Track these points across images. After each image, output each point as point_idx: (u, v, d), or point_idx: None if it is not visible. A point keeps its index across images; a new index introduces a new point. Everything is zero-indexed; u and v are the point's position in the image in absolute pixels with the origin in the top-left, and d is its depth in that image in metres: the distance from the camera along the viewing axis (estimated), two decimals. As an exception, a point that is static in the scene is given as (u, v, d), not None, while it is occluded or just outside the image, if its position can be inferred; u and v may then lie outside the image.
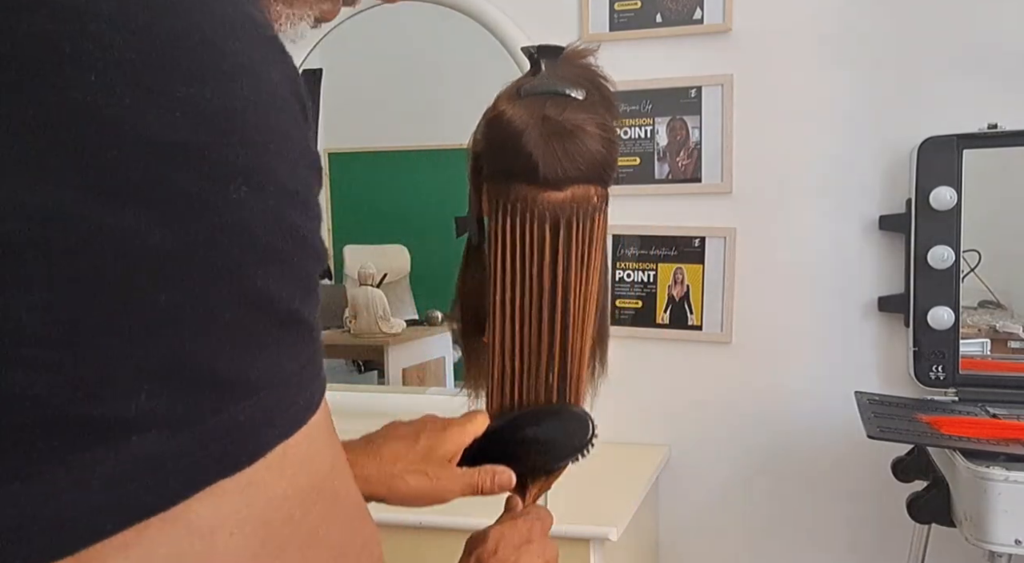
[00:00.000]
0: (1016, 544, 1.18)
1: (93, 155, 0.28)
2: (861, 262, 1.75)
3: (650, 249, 1.86)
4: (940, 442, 1.32)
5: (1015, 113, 1.62)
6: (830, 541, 1.81)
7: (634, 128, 1.84)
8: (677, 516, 1.89)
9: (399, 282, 2.52)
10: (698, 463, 1.87)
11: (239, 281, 0.31)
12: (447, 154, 2.30)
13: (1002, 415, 1.48)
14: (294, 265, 0.33)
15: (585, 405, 0.88)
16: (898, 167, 1.71)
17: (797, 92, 1.76)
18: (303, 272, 0.33)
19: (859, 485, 1.77)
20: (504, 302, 0.84)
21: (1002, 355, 1.69)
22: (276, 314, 0.32)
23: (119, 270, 0.28)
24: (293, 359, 0.33)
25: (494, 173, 0.82)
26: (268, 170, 0.32)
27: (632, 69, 1.81)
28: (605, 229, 0.86)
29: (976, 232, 1.64)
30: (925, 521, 1.38)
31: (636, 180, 1.85)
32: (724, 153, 1.79)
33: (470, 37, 1.93)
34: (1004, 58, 1.65)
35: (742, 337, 1.82)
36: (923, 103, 1.69)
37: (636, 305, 1.87)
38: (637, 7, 1.82)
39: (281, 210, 0.32)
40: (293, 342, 0.33)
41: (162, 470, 0.29)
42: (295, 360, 0.33)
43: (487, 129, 0.82)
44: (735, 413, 1.83)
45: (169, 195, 0.29)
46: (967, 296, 1.66)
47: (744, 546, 1.86)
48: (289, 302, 0.32)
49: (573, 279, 0.83)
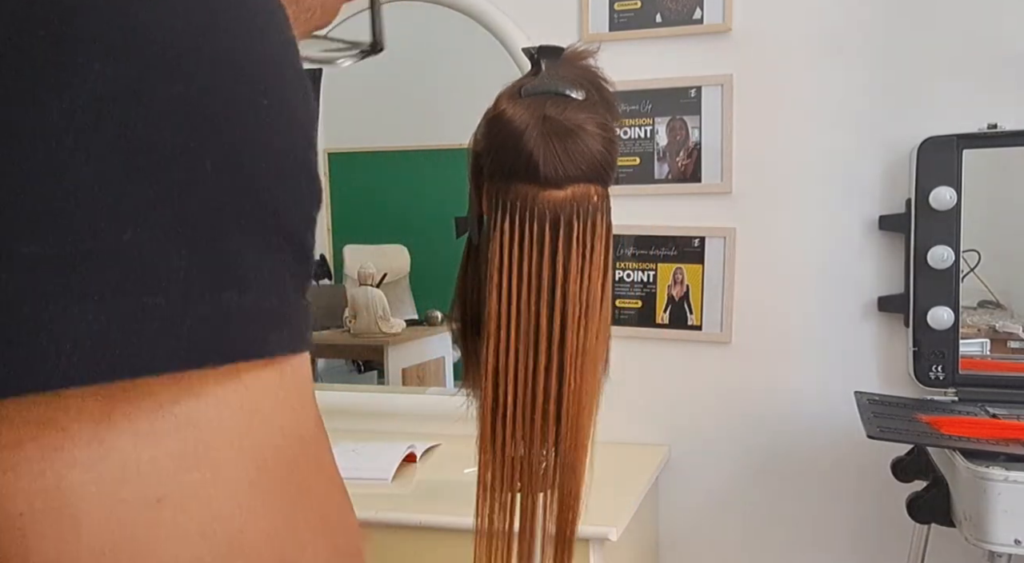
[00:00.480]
0: (1016, 544, 1.18)
1: None
2: (861, 262, 1.75)
3: (650, 249, 1.86)
4: (940, 442, 1.32)
5: (1015, 113, 1.63)
6: (830, 541, 1.81)
7: (634, 128, 1.84)
8: (677, 516, 1.89)
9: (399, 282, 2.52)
10: (698, 463, 1.87)
11: (264, 191, 0.31)
12: (447, 154, 2.30)
13: (1002, 415, 1.48)
14: (303, 195, 0.33)
15: (593, 404, 0.88)
16: (898, 167, 1.71)
17: (797, 92, 1.76)
18: (310, 207, 0.34)
19: (859, 485, 1.77)
20: (502, 301, 0.84)
21: (1002, 355, 1.69)
22: (283, 229, 0.32)
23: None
24: (293, 280, 0.33)
25: (494, 172, 0.83)
26: (288, 99, 0.32)
27: (632, 69, 1.81)
28: (609, 231, 0.86)
29: (976, 232, 1.64)
30: (925, 521, 1.38)
31: (636, 180, 1.85)
32: (724, 153, 1.79)
33: (470, 37, 1.94)
34: (1004, 58, 1.65)
35: (742, 337, 1.82)
36: (923, 103, 1.69)
37: (636, 305, 1.87)
38: (637, 7, 1.82)
39: (295, 134, 0.33)
40: (296, 267, 0.33)
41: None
42: (295, 282, 0.33)
43: (488, 128, 0.82)
44: (735, 413, 1.83)
45: None
46: (967, 296, 1.66)
47: (744, 546, 1.86)
48: (296, 225, 0.33)
49: (573, 278, 0.83)
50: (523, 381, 0.85)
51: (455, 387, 0.98)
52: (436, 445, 1.84)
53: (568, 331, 0.84)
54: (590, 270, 0.83)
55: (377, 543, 1.49)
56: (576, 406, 0.86)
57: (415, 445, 1.77)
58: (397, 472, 1.67)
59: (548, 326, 0.83)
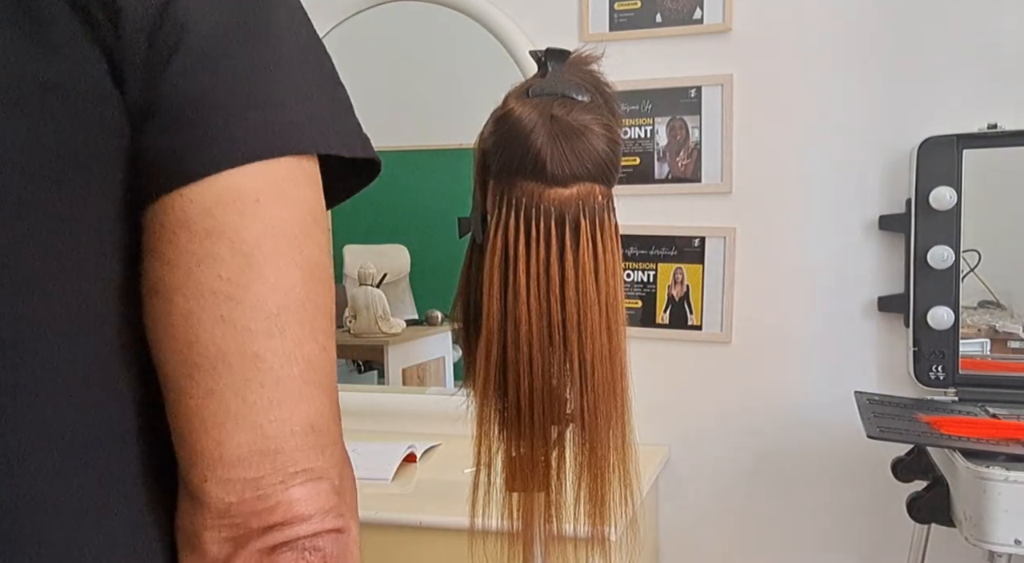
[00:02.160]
0: (1016, 544, 1.18)
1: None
2: (861, 262, 1.75)
3: (650, 249, 1.86)
4: (940, 442, 1.32)
5: (1015, 113, 1.63)
6: (830, 541, 1.81)
7: (634, 128, 1.84)
8: (677, 516, 1.89)
9: (399, 282, 2.51)
10: (698, 463, 1.87)
11: None
12: (447, 154, 2.30)
13: (1002, 415, 1.48)
14: None
15: (613, 399, 0.88)
16: (898, 167, 1.71)
17: (797, 92, 1.76)
18: None
19: (859, 485, 1.77)
20: (505, 298, 0.84)
21: (1002, 355, 1.69)
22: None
23: None
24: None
25: (501, 169, 0.83)
26: None
27: (632, 69, 1.81)
28: (616, 230, 0.86)
29: (976, 232, 1.64)
30: (925, 521, 1.38)
31: (636, 180, 1.85)
32: (724, 153, 1.79)
33: (470, 37, 1.93)
34: (1004, 58, 1.65)
35: (742, 337, 1.82)
36: (923, 103, 1.69)
37: (636, 305, 1.87)
38: (637, 7, 1.82)
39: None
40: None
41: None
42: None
43: (496, 126, 0.83)
44: (735, 413, 1.83)
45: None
46: (967, 296, 1.66)
47: (744, 546, 1.86)
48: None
49: (586, 275, 0.83)
50: (537, 377, 0.85)
51: (455, 387, 0.98)
52: (436, 445, 1.84)
53: (567, 328, 0.84)
54: (603, 267, 0.84)
55: (377, 543, 1.49)
56: (592, 401, 0.86)
57: (415, 445, 1.77)
58: (397, 472, 1.67)
59: (561, 322, 0.83)
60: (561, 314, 0.83)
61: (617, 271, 0.86)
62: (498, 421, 0.90)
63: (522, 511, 0.93)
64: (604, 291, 0.84)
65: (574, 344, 0.84)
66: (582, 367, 0.84)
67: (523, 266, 0.82)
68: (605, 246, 0.84)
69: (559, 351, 0.84)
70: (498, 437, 0.91)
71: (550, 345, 0.84)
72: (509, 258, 0.83)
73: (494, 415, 0.89)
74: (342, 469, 0.48)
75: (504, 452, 0.91)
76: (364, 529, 0.40)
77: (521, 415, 0.86)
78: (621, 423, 0.90)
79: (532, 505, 0.93)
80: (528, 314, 0.83)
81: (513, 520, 0.93)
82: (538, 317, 0.83)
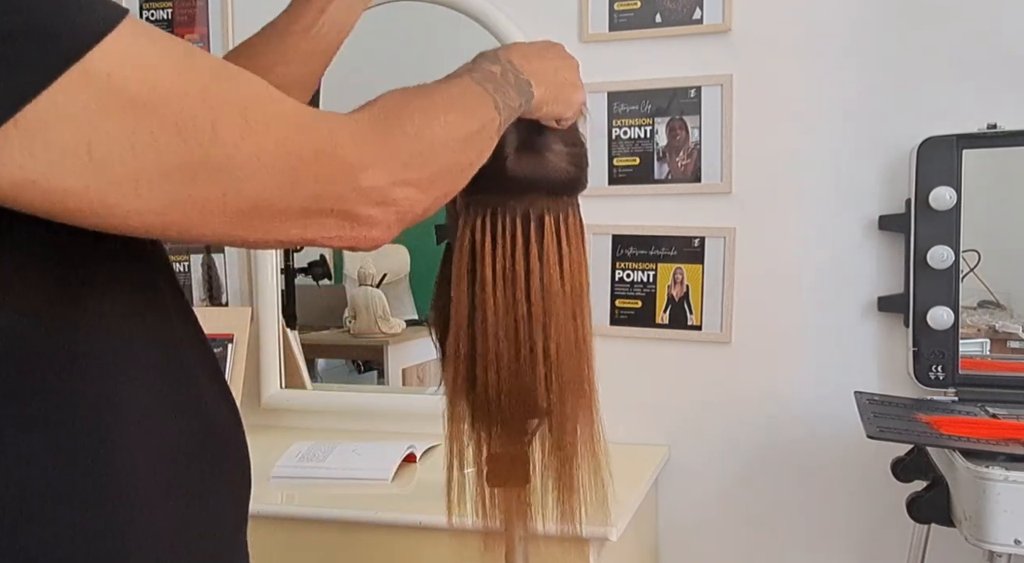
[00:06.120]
0: (1016, 544, 1.18)
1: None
2: (861, 262, 1.75)
3: (650, 249, 1.86)
4: (940, 442, 1.32)
5: (1015, 113, 1.63)
6: (830, 541, 1.81)
7: (634, 128, 1.84)
8: (677, 516, 1.89)
9: (399, 282, 2.51)
10: (698, 463, 1.87)
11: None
12: (447, 154, 2.30)
13: (1002, 415, 1.48)
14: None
15: (581, 390, 0.89)
16: (898, 167, 1.71)
17: (797, 92, 1.76)
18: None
19: (859, 485, 1.77)
20: (472, 292, 0.86)
21: (1002, 355, 1.69)
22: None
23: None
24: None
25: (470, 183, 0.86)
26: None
27: (632, 69, 1.81)
28: (582, 226, 0.89)
29: (976, 232, 1.64)
30: (925, 521, 1.38)
31: (636, 180, 1.85)
32: (724, 153, 1.80)
33: (470, 37, 1.93)
34: (1004, 58, 1.65)
35: (741, 337, 1.82)
36: (923, 103, 1.69)
37: (635, 305, 1.87)
38: (637, 7, 1.82)
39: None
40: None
41: None
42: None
43: None
44: (735, 413, 1.83)
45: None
46: (967, 296, 1.66)
47: (744, 546, 1.86)
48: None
49: (542, 265, 0.86)
50: (504, 368, 0.87)
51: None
52: (436, 445, 1.84)
53: (551, 319, 0.86)
54: (567, 260, 0.86)
55: (377, 543, 1.49)
56: (559, 391, 0.87)
57: (415, 445, 1.77)
58: (397, 472, 1.67)
59: (527, 314, 0.85)
60: (527, 306, 0.85)
61: (583, 263, 0.88)
62: (470, 416, 0.91)
63: (502, 506, 0.93)
64: (569, 283, 0.86)
65: (539, 335, 0.86)
66: (547, 357, 0.86)
67: (489, 260, 0.84)
68: (570, 239, 0.87)
69: (526, 343, 0.86)
70: (471, 433, 0.92)
71: (516, 337, 0.85)
72: (476, 253, 0.85)
73: (465, 410, 0.91)
74: None
75: (481, 448, 0.92)
76: (364, 529, 0.40)
77: (491, 409, 0.88)
78: (589, 414, 0.91)
79: (512, 500, 0.94)
80: (495, 307, 0.84)
81: (492, 517, 0.93)
82: (505, 310, 0.85)
